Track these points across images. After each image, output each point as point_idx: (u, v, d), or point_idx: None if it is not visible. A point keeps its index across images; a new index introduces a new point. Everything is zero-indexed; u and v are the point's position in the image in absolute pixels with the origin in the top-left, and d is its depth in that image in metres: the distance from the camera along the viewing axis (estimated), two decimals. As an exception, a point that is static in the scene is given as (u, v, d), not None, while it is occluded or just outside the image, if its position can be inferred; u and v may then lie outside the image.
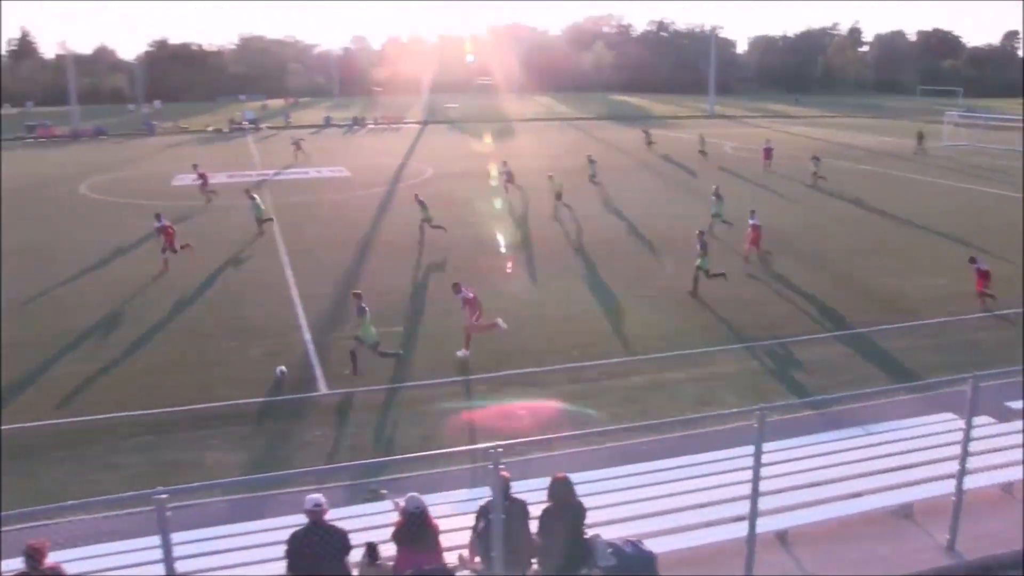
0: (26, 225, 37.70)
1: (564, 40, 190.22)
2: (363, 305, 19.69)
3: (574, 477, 9.02)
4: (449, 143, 74.89)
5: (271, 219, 36.00)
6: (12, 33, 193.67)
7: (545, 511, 8.83)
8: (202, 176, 44.15)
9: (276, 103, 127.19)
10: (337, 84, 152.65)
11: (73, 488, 14.28)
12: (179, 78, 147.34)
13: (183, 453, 15.79)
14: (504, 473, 8.12)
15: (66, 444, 16.28)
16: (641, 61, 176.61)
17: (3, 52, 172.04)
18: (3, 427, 16.65)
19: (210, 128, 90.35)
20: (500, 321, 20.64)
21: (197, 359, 20.81)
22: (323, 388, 18.86)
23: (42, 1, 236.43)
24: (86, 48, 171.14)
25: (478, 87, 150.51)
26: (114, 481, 14.50)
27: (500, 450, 7.78)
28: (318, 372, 19.72)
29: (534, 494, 9.19)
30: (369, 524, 10.12)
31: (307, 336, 22.22)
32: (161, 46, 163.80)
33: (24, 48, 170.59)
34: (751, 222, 29.62)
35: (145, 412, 17.58)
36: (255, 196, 36.48)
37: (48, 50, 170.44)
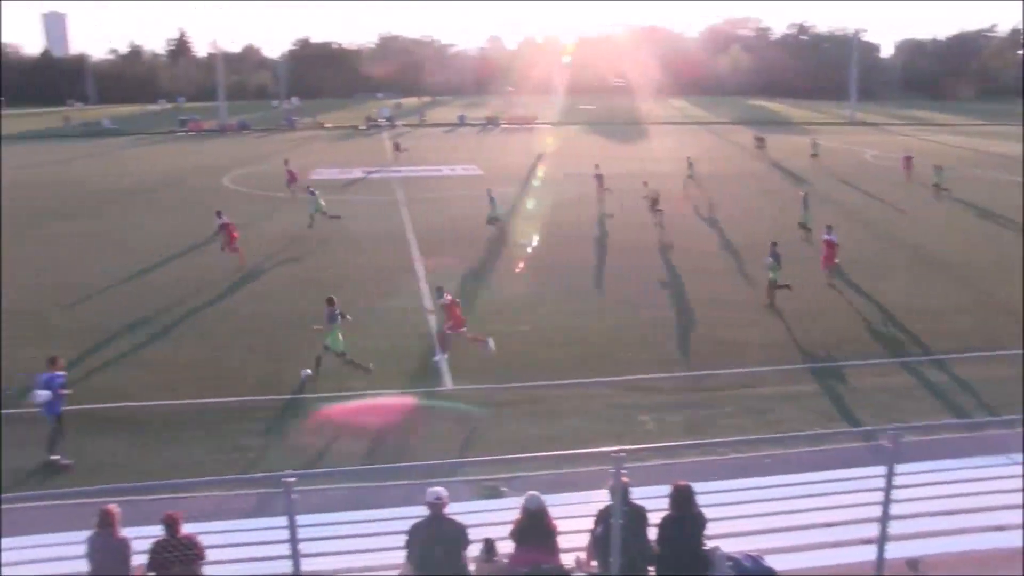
0: (174, 213, 39.54)
1: (701, 43, 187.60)
2: (336, 312, 19.31)
3: (696, 487, 8.83)
4: (581, 144, 74.82)
5: (338, 216, 36.33)
6: (171, 34, 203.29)
7: (665, 519, 8.66)
8: (291, 173, 44.97)
9: (412, 101, 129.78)
10: (472, 84, 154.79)
11: (206, 466, 14.85)
12: (320, 76, 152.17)
13: (313, 439, 16.21)
14: (625, 479, 8.01)
15: (201, 424, 16.98)
16: (780, 65, 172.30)
17: (162, 51, 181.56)
18: (156, 403, 17.42)
19: (361, 125, 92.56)
20: (491, 342, 20.41)
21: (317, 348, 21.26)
22: (449, 383, 19.05)
23: (199, 2, 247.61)
24: (235, 47, 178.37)
25: (612, 89, 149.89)
26: (240, 462, 15.03)
27: (623, 455, 7.67)
28: (444, 367, 19.92)
29: (654, 501, 9.04)
30: (488, 520, 10.14)
31: (434, 330, 22.48)
32: (304, 45, 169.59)
33: (180, 47, 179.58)
34: (825, 237, 27.22)
35: (278, 397, 18.15)
36: (315, 192, 36.95)
37: (201, 49, 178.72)
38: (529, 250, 31.99)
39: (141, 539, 8.69)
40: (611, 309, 24.41)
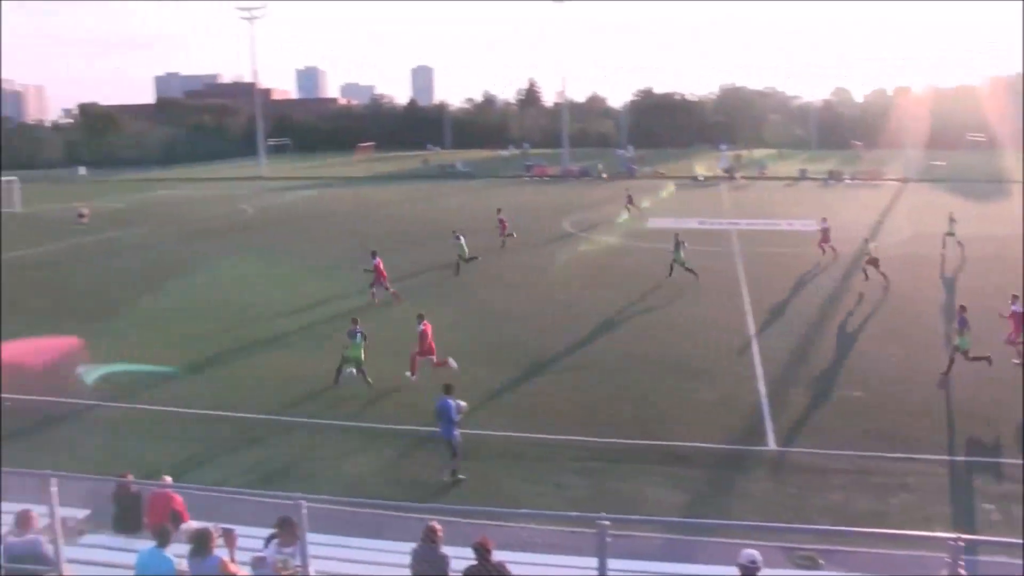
0: (514, 253, 41.81)
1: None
2: (357, 330, 22.46)
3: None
4: (929, 202, 69.62)
5: (476, 258, 38.30)
6: (522, 84, 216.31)
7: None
8: (502, 222, 45.62)
9: (752, 153, 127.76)
10: (815, 136, 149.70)
11: (523, 498, 15.49)
12: (660, 125, 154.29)
13: (625, 484, 16.41)
14: (962, 571, 7.32)
15: (522, 456, 17.78)
16: None
17: (513, 100, 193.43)
18: (484, 432, 18.47)
19: (699, 176, 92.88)
20: (451, 361, 22.86)
21: (644, 394, 21.54)
22: (772, 443, 18.45)
23: (550, 55, 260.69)
24: (580, 97, 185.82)
25: (969, 144, 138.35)
26: (557, 498, 15.50)
27: (961, 543, 7.03)
28: (768, 426, 19.34)
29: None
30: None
31: (761, 387, 21.92)
32: (646, 95, 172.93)
33: (530, 97, 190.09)
34: (1014, 308, 23.76)
35: (593, 439, 18.57)
36: (460, 237, 38.44)
37: (549, 98, 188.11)
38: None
39: (457, 559, 9.24)
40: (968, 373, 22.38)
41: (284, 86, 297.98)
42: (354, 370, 22.24)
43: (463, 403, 17.04)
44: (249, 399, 21.71)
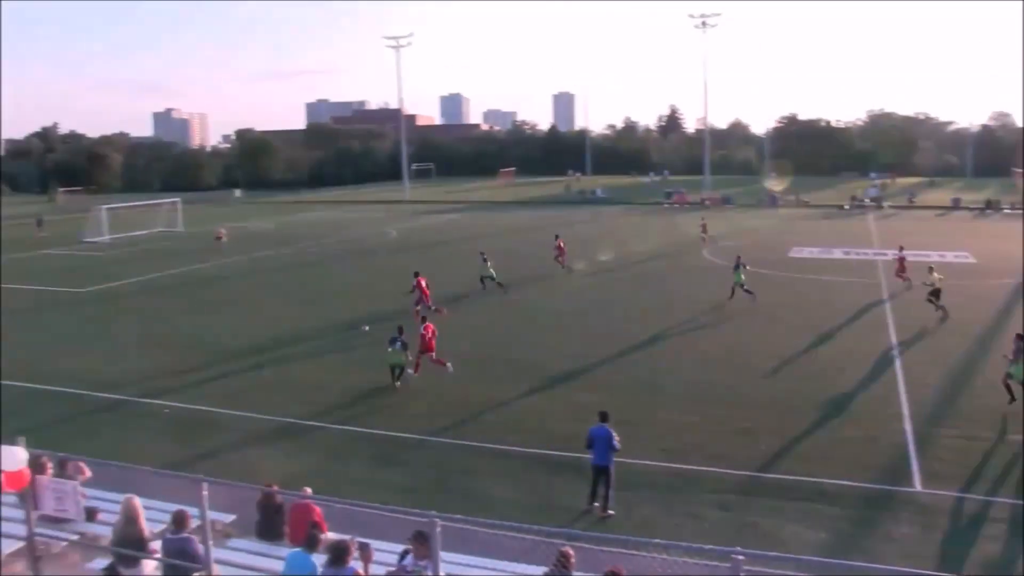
0: (650, 281, 41.46)
1: None
2: (396, 337, 24.69)
3: None
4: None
5: (501, 284, 39.46)
6: (663, 110, 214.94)
7: None
8: (560, 247, 46.32)
9: (902, 181, 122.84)
10: (970, 164, 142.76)
11: (657, 527, 15.25)
12: (804, 152, 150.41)
13: (763, 519, 15.98)
14: None
15: (658, 486, 17.53)
16: None
17: (653, 126, 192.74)
18: (620, 460, 18.33)
19: (845, 204, 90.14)
20: (449, 365, 25.59)
21: (784, 427, 20.93)
22: (918, 485, 17.59)
23: (692, 81, 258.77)
24: (722, 123, 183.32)
25: None
26: (693, 530, 15.18)
27: None
28: (915, 466, 18.47)
29: None
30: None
31: (908, 426, 20.96)
32: (790, 121, 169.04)
33: (671, 123, 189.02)
34: None
35: (732, 471, 18.15)
36: (487, 259, 40.28)
37: (690, 125, 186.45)
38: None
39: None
40: None
41: (428, 112, 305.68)
42: (411, 371, 25.14)
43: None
44: (384, 413, 22.29)
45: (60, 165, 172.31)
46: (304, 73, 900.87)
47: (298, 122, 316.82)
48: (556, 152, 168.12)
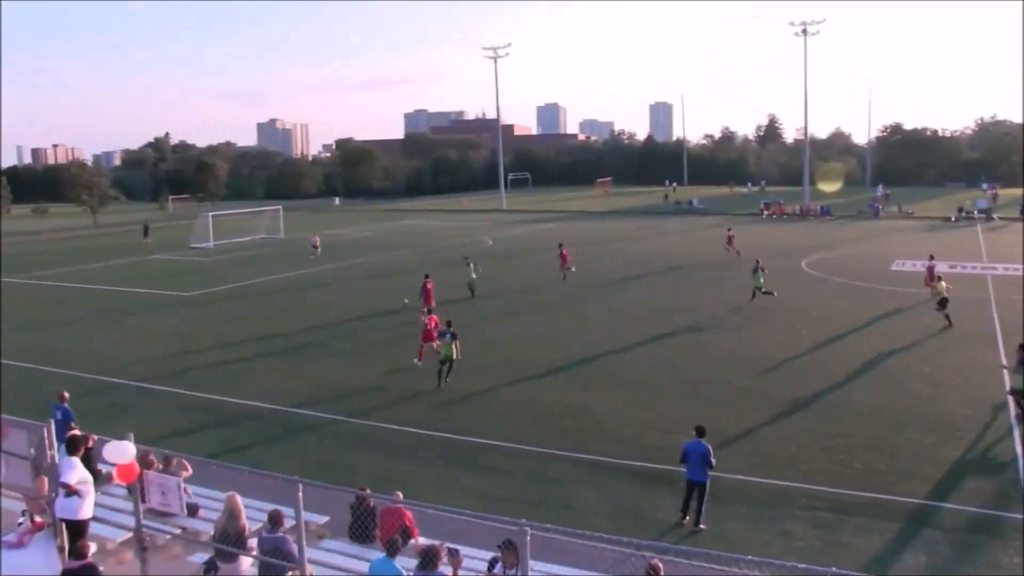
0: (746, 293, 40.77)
1: None
2: (447, 331, 26.49)
3: None
4: None
5: (472, 289, 41.62)
6: (761, 120, 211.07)
7: None
8: (563, 255, 47.08)
9: (1014, 191, 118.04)
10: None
11: (748, 544, 15.01)
12: (909, 162, 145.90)
13: (857, 538, 15.57)
14: None
15: (748, 500, 17.24)
16: None
17: (752, 136, 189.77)
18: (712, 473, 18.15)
19: (951, 216, 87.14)
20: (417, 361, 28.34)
21: (882, 444, 20.35)
22: (1030, 511, 16.85)
23: (789, 89, 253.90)
24: (822, 132, 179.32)
25: None
26: (783, 547, 14.89)
27: None
28: (1025, 490, 17.72)
29: None
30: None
31: (1019, 447, 20.13)
32: (894, 130, 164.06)
33: (769, 133, 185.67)
34: None
35: (826, 488, 17.72)
36: (471, 263, 42.83)
37: (789, 134, 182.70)
38: None
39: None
40: None
41: (525, 122, 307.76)
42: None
43: None
44: (465, 420, 22.49)
45: (171, 174, 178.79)
46: (403, 83, 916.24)
47: (396, 132, 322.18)
48: (653, 162, 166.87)
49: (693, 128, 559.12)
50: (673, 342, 31.72)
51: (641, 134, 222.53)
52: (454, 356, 26.30)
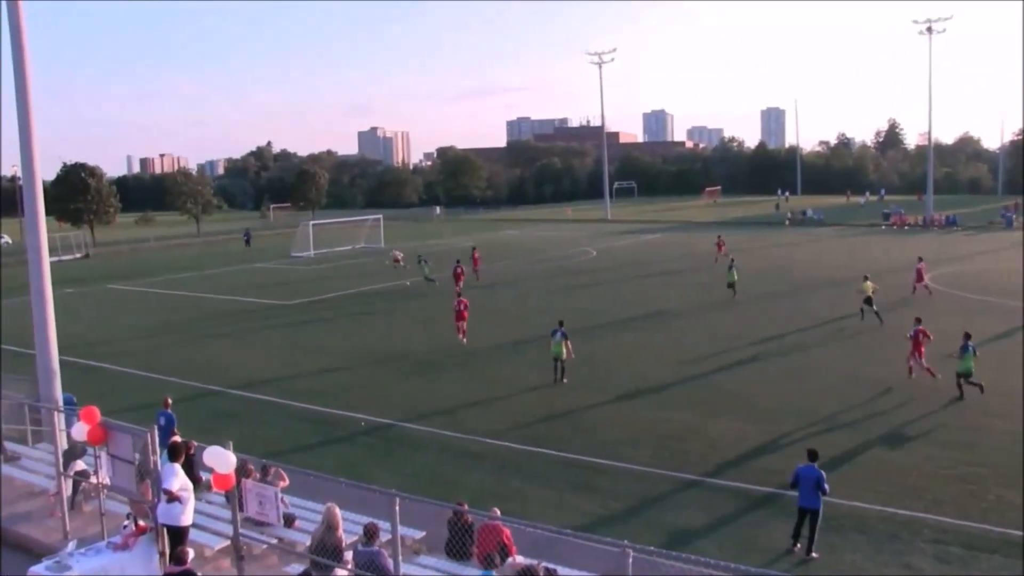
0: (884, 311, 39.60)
1: None
2: (558, 330, 27.89)
3: None
4: None
5: (434, 280, 49.91)
6: (881, 124, 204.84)
7: None
8: (475, 259, 54.68)
9: None
10: None
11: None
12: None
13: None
14: None
15: (866, 529, 16.64)
16: None
17: (870, 142, 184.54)
18: (830, 499, 17.61)
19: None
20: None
21: (1016, 477, 19.35)
22: None
23: (913, 93, 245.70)
24: (948, 137, 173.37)
25: None
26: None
27: None
28: None
29: None
30: None
31: None
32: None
33: (890, 138, 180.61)
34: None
35: (954, 520, 16.96)
36: (426, 262, 52.04)
37: (911, 140, 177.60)
38: None
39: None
40: None
41: (631, 129, 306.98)
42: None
43: None
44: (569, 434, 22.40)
45: (272, 182, 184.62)
46: (506, 91, 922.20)
47: (499, 140, 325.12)
48: (764, 170, 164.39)
49: (807, 134, 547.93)
50: (786, 362, 30.94)
51: (751, 141, 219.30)
52: (564, 355, 27.69)
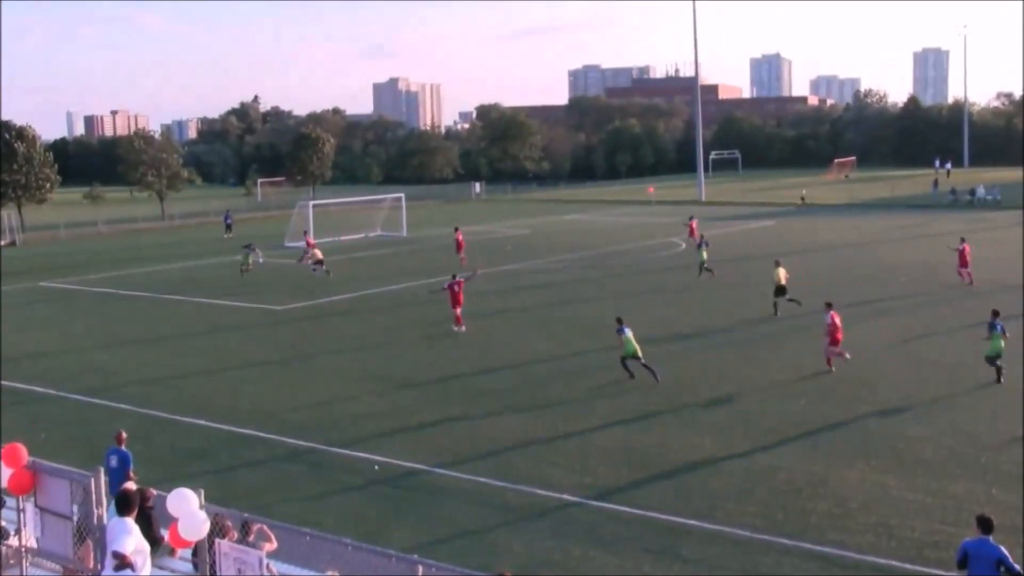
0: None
1: None
2: (622, 328, 31.52)
3: None
4: None
5: (247, 267, 57.91)
6: None
7: None
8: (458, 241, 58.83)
9: None
10: None
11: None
12: None
13: None
14: None
15: None
16: None
17: None
18: None
19: None
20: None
21: None
22: None
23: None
24: None
25: None
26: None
27: None
28: None
29: None
30: None
31: None
32: None
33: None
34: None
35: None
36: (255, 249, 59.39)
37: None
38: None
39: None
40: None
41: (735, 81, 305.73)
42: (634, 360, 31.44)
43: None
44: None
45: (260, 149, 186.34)
46: (567, 29, 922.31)
47: (559, 96, 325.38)
48: (916, 134, 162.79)
49: (978, 86, 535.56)
50: (945, 400, 30.30)
51: (898, 95, 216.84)
52: (637, 353, 31.20)
